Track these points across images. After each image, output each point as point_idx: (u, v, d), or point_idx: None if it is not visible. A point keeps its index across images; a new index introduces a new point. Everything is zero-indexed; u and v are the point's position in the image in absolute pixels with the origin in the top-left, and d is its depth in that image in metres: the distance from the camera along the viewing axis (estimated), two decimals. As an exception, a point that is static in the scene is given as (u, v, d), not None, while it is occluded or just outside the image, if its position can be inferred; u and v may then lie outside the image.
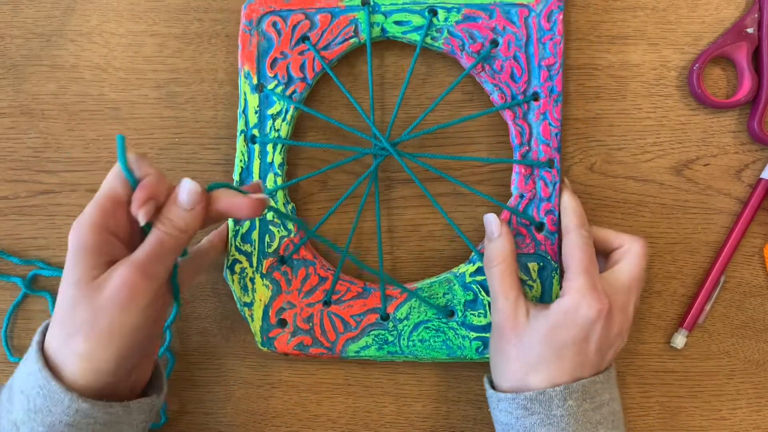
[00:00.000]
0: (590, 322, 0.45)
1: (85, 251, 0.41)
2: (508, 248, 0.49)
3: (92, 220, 0.41)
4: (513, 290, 0.48)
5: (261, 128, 0.53)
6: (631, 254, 0.48)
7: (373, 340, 0.53)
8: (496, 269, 0.48)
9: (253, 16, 0.53)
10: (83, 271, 0.41)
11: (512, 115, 0.52)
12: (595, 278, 0.46)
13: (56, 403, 0.40)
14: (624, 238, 0.49)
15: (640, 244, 0.48)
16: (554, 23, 0.52)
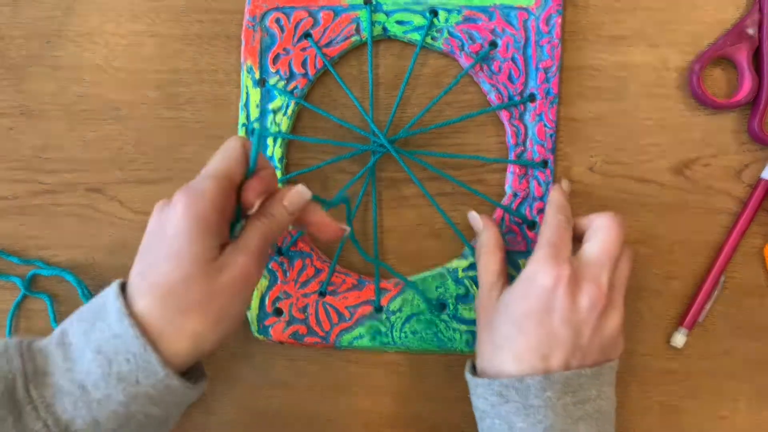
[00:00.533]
0: (548, 290, 0.43)
1: (207, 229, 0.41)
2: (490, 236, 0.50)
3: (214, 198, 0.41)
4: (489, 275, 0.48)
5: (262, 122, 0.54)
6: (601, 229, 0.46)
7: (366, 330, 0.53)
8: (479, 256, 0.50)
9: (256, 12, 0.53)
10: (204, 249, 0.40)
11: (508, 116, 0.53)
12: (559, 250, 0.44)
13: (148, 375, 0.39)
14: (593, 216, 0.47)
15: (609, 217, 0.46)
16: (552, 26, 0.52)
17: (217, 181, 0.42)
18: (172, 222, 0.41)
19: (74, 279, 0.54)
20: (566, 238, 0.46)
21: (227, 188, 0.42)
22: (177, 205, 0.41)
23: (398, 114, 0.54)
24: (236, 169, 0.43)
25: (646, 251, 0.54)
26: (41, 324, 0.56)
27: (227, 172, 0.42)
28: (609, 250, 0.45)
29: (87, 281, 0.55)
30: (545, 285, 0.43)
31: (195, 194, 0.41)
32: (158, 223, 0.42)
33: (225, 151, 0.43)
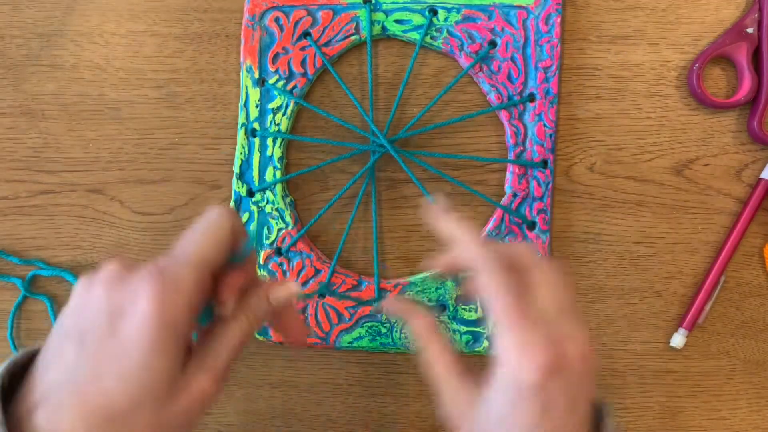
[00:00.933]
0: (537, 389, 0.34)
1: (177, 339, 0.32)
2: (420, 325, 0.39)
3: (191, 294, 0.33)
4: (445, 379, 0.38)
5: (261, 122, 0.54)
6: (544, 279, 0.37)
7: (366, 331, 0.53)
8: (420, 354, 0.39)
9: (256, 11, 0.53)
10: (169, 366, 0.32)
11: (508, 116, 0.53)
12: (526, 321, 0.34)
13: None
14: (527, 259, 0.37)
15: (546, 265, 0.37)
16: (552, 26, 0.52)
17: (198, 271, 0.33)
18: (133, 324, 0.32)
19: (74, 279, 0.54)
20: (524, 296, 0.36)
21: (207, 280, 0.34)
22: (143, 299, 0.32)
23: (398, 114, 0.54)
24: (221, 255, 0.35)
25: (646, 251, 0.54)
26: (42, 325, 0.56)
27: (210, 259, 0.34)
28: (564, 299, 0.36)
29: (87, 281, 0.55)
30: (533, 383, 0.34)
31: (169, 288, 0.32)
32: (107, 313, 0.32)
33: (211, 231, 0.35)
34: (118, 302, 0.32)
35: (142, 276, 0.33)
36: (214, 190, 0.55)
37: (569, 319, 0.35)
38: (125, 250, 0.55)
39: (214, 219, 0.36)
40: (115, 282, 0.33)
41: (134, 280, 0.33)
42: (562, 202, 0.54)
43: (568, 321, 0.35)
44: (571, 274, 0.39)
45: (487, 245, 0.37)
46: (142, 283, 0.32)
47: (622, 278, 0.54)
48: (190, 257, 0.34)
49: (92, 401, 0.31)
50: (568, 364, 0.34)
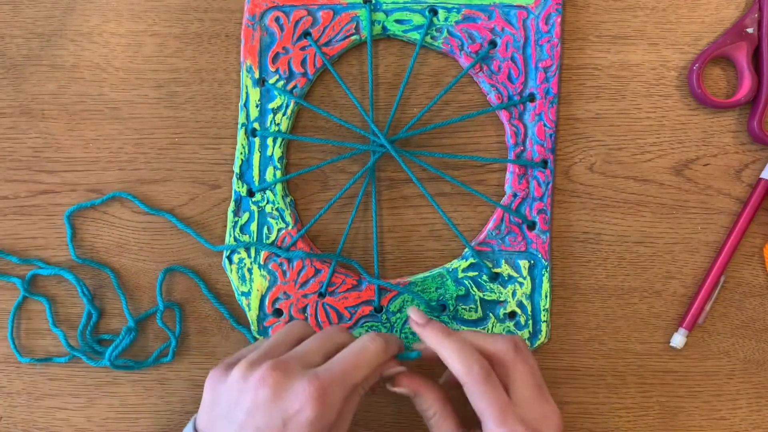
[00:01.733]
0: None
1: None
2: (433, 396, 0.46)
3: (338, 407, 0.41)
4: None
5: (261, 122, 0.54)
6: (519, 373, 0.44)
7: (366, 331, 0.53)
8: (432, 422, 0.46)
9: (256, 11, 0.53)
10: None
11: (508, 116, 0.53)
12: (510, 424, 0.42)
13: None
14: (505, 357, 0.44)
15: (519, 359, 0.44)
16: (552, 26, 0.52)
17: (346, 390, 0.41)
18: (296, 427, 0.40)
19: (74, 278, 0.54)
20: (508, 402, 0.43)
21: (350, 393, 0.42)
22: (307, 408, 0.40)
23: (398, 114, 0.54)
24: (369, 380, 0.43)
25: (646, 251, 0.54)
26: (41, 325, 0.56)
27: (359, 382, 0.42)
28: (535, 385, 0.44)
29: (87, 281, 0.55)
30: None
31: (328, 405, 0.40)
32: (281, 412, 0.40)
33: (367, 361, 0.42)
34: (285, 406, 0.40)
35: (306, 391, 0.40)
36: (214, 190, 0.55)
37: (542, 402, 0.43)
38: (125, 250, 0.55)
39: (374, 351, 0.42)
40: (280, 386, 0.40)
41: (297, 388, 0.40)
42: (562, 202, 0.54)
43: (541, 403, 0.43)
44: (533, 358, 0.45)
45: (470, 358, 0.42)
46: (304, 394, 0.40)
47: (622, 278, 0.54)
48: (345, 378, 0.41)
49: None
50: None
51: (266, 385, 0.40)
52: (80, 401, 0.55)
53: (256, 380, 0.40)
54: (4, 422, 0.56)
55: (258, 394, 0.40)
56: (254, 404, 0.40)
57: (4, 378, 0.56)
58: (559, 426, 0.43)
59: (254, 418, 0.40)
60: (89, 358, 0.55)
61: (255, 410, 0.40)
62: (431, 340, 0.44)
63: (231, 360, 0.44)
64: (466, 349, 0.43)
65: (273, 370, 0.40)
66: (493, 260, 0.53)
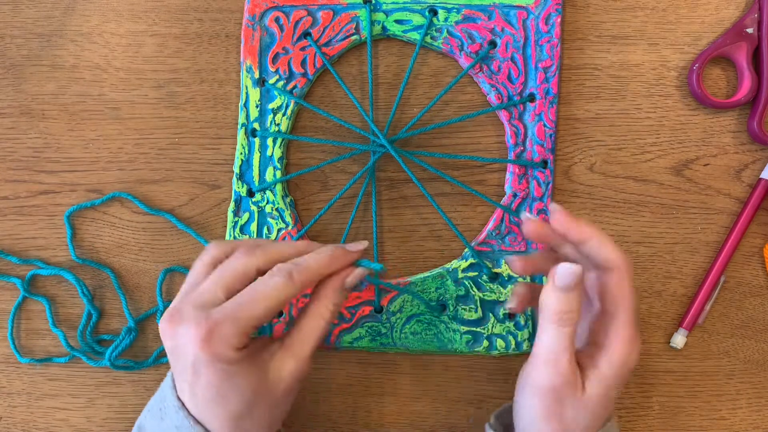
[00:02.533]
0: (632, 370, 0.42)
1: (230, 364, 0.40)
2: (580, 302, 0.42)
3: (233, 344, 0.40)
4: (571, 351, 0.42)
5: (261, 122, 0.54)
6: (622, 277, 0.43)
7: (366, 331, 0.53)
8: (568, 331, 0.41)
9: (256, 11, 0.53)
10: (244, 383, 0.41)
11: (508, 116, 0.53)
12: (635, 323, 0.42)
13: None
14: (617, 251, 0.43)
15: (627, 259, 0.43)
16: (552, 26, 0.52)
17: (242, 332, 0.40)
18: (203, 368, 0.40)
19: (74, 278, 0.54)
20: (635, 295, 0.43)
21: (251, 330, 0.42)
22: (198, 354, 0.39)
23: (398, 114, 0.54)
24: (270, 317, 0.43)
25: (646, 251, 0.54)
26: (41, 325, 0.56)
27: (258, 322, 0.41)
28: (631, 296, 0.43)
29: (86, 281, 0.55)
30: (633, 367, 0.42)
31: (218, 345, 0.39)
32: (186, 357, 0.40)
33: (272, 290, 0.41)
34: (184, 352, 0.40)
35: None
36: (214, 190, 0.55)
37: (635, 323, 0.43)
38: (125, 250, 0.55)
39: (273, 285, 0.41)
40: (174, 334, 0.41)
41: (183, 334, 0.40)
42: (562, 202, 0.54)
43: (635, 324, 0.43)
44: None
45: (624, 251, 0.42)
46: (188, 336, 0.40)
47: (622, 278, 0.54)
48: (237, 314, 0.40)
49: (224, 416, 0.41)
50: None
51: (166, 336, 0.41)
52: (80, 401, 0.55)
53: (161, 332, 0.41)
54: (4, 422, 0.56)
55: (167, 345, 0.41)
56: (170, 354, 0.41)
57: (4, 378, 0.56)
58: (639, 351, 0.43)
59: (175, 365, 0.42)
60: (89, 359, 0.55)
61: (172, 359, 0.42)
62: (588, 230, 0.42)
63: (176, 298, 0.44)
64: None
65: (169, 319, 0.41)
66: (493, 260, 0.53)
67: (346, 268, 0.44)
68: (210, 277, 0.42)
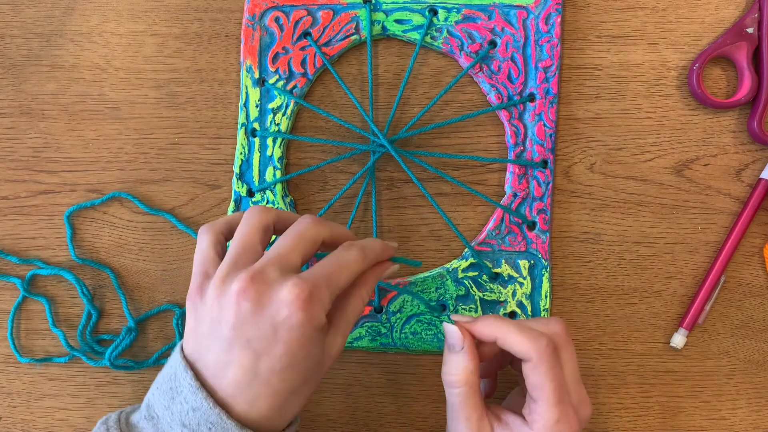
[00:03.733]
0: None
1: (324, 333, 0.41)
2: (471, 366, 0.43)
3: (326, 306, 0.40)
4: (476, 411, 0.43)
5: (261, 122, 0.54)
6: (568, 356, 0.44)
7: (366, 331, 0.53)
8: (459, 391, 0.43)
9: (256, 11, 0.53)
10: (318, 353, 0.41)
11: (508, 116, 0.53)
12: (563, 403, 0.42)
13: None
14: (560, 339, 0.44)
15: (569, 342, 0.44)
16: (552, 26, 0.52)
17: (331, 294, 0.41)
18: (288, 333, 0.39)
19: (73, 278, 0.54)
20: (564, 382, 0.43)
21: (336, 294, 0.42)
22: (295, 315, 0.38)
23: (398, 114, 0.54)
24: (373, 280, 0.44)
25: (646, 251, 0.54)
26: (41, 325, 0.56)
27: (342, 286, 0.42)
28: (556, 377, 0.43)
29: (86, 281, 0.55)
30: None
31: (316, 308, 0.39)
32: (268, 321, 0.39)
33: (352, 262, 0.42)
34: (272, 314, 0.39)
35: (293, 295, 0.39)
36: (214, 190, 0.55)
37: (580, 387, 0.44)
38: (125, 250, 0.55)
39: (353, 258, 0.42)
40: (263, 296, 0.39)
41: (281, 295, 0.39)
42: (562, 202, 0.54)
43: (580, 388, 0.44)
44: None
45: (537, 334, 0.42)
46: (292, 298, 0.39)
47: (622, 278, 0.54)
48: (329, 281, 0.40)
49: (279, 388, 0.40)
50: (581, 426, 0.43)
51: (248, 298, 0.39)
52: (80, 401, 0.55)
53: (235, 294, 0.39)
54: (4, 422, 0.56)
55: (241, 308, 0.39)
56: (239, 319, 0.39)
57: (4, 378, 0.56)
58: (590, 412, 0.44)
59: (242, 332, 0.39)
60: (89, 359, 0.55)
61: (241, 324, 0.39)
62: (489, 328, 0.43)
63: (200, 277, 0.42)
64: (528, 328, 0.43)
65: (251, 281, 0.39)
66: (493, 260, 0.53)
67: (385, 260, 0.46)
68: (285, 242, 0.41)
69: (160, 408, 0.41)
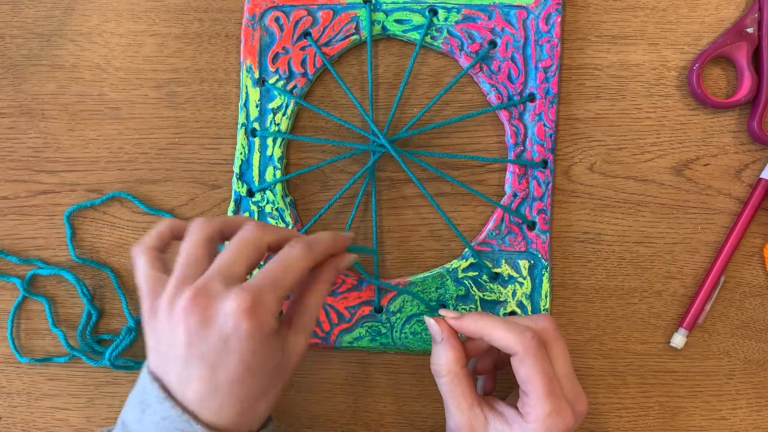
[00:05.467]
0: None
1: (275, 338, 0.40)
2: (452, 355, 0.45)
3: (274, 311, 0.40)
4: (465, 399, 0.44)
5: (261, 122, 0.54)
6: (559, 351, 0.45)
7: (366, 331, 0.53)
8: (444, 380, 0.45)
9: (256, 11, 0.53)
10: (275, 355, 0.41)
11: (508, 116, 0.53)
12: (555, 396, 0.43)
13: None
14: (549, 335, 0.45)
15: (559, 338, 0.45)
16: (552, 26, 0.52)
17: (279, 297, 0.40)
18: (238, 344, 0.39)
19: (73, 278, 0.54)
20: (554, 377, 0.44)
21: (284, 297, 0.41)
22: (242, 325, 0.38)
23: (398, 114, 0.54)
24: (296, 285, 0.43)
25: (646, 251, 0.54)
26: (41, 325, 0.56)
27: (289, 288, 0.41)
28: (544, 371, 0.43)
29: (86, 281, 0.55)
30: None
31: (262, 315, 0.39)
32: (217, 334, 0.39)
33: (297, 260, 0.41)
34: (219, 327, 0.39)
35: (237, 307, 0.39)
36: (214, 190, 0.55)
37: (574, 381, 0.44)
38: (125, 250, 0.55)
39: (297, 256, 0.42)
40: (207, 311, 0.39)
41: (225, 308, 0.39)
42: (562, 202, 0.54)
43: (574, 383, 0.44)
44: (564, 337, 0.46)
45: (522, 329, 0.43)
46: (236, 310, 0.38)
47: (622, 278, 0.54)
48: (275, 285, 0.40)
49: (242, 395, 0.40)
50: (577, 421, 0.44)
51: (194, 314, 0.39)
52: (80, 401, 0.55)
53: (181, 312, 0.39)
54: (4, 422, 0.56)
55: (189, 325, 0.39)
56: (189, 336, 0.39)
57: (4, 378, 0.56)
58: (586, 408, 0.45)
59: (195, 348, 0.39)
60: (89, 358, 0.55)
61: (192, 341, 0.39)
62: (474, 325, 0.44)
63: (149, 298, 0.42)
64: (514, 323, 0.44)
65: (195, 297, 0.39)
66: (493, 260, 0.53)
67: (341, 252, 0.45)
68: (227, 252, 0.41)
69: (133, 422, 0.41)
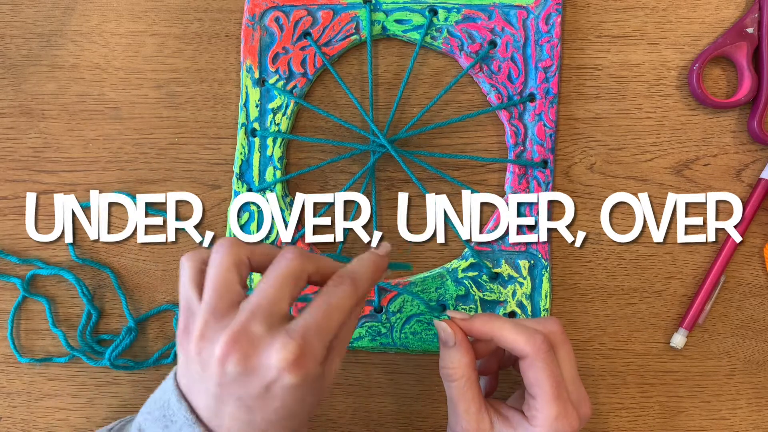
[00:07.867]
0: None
1: (321, 384, 0.39)
2: (465, 359, 0.44)
3: (321, 359, 0.38)
4: (474, 403, 0.44)
5: (261, 122, 0.54)
6: (565, 355, 0.44)
7: (366, 331, 0.53)
8: (455, 384, 0.44)
9: (256, 11, 0.53)
10: (314, 400, 0.39)
11: (508, 116, 0.53)
12: (562, 400, 0.43)
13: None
14: (557, 338, 0.44)
15: (566, 341, 0.45)
16: (552, 26, 0.52)
17: (325, 343, 0.38)
18: (281, 392, 0.37)
19: (73, 278, 0.54)
20: (562, 380, 0.44)
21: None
22: (287, 378, 0.36)
23: (398, 114, 0.54)
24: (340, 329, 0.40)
25: (646, 251, 0.53)
26: (41, 325, 0.56)
27: (333, 333, 0.39)
28: (554, 375, 0.43)
29: (86, 281, 0.55)
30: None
31: (310, 365, 0.37)
32: (259, 383, 0.37)
33: (345, 300, 0.39)
34: (262, 376, 0.36)
35: (284, 361, 0.36)
36: (214, 190, 0.55)
37: (579, 385, 0.45)
38: (125, 250, 0.55)
39: (344, 295, 0.39)
40: (249, 360, 0.37)
41: (270, 358, 0.36)
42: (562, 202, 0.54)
43: (579, 387, 0.45)
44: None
45: (532, 331, 0.43)
46: (279, 360, 0.36)
47: (622, 278, 0.54)
48: (321, 331, 0.38)
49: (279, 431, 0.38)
50: (581, 425, 0.44)
51: (231, 361, 0.36)
52: (80, 401, 0.55)
53: (218, 359, 0.36)
54: (4, 422, 0.56)
55: (226, 371, 0.36)
56: (225, 379, 0.36)
57: (4, 378, 0.56)
58: (590, 411, 0.45)
59: (231, 390, 0.37)
60: (89, 358, 0.55)
61: (229, 384, 0.37)
62: (485, 327, 0.44)
63: (184, 316, 0.39)
64: (523, 326, 0.43)
65: (234, 344, 0.36)
66: (493, 260, 0.53)
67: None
68: (267, 286, 0.38)
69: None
